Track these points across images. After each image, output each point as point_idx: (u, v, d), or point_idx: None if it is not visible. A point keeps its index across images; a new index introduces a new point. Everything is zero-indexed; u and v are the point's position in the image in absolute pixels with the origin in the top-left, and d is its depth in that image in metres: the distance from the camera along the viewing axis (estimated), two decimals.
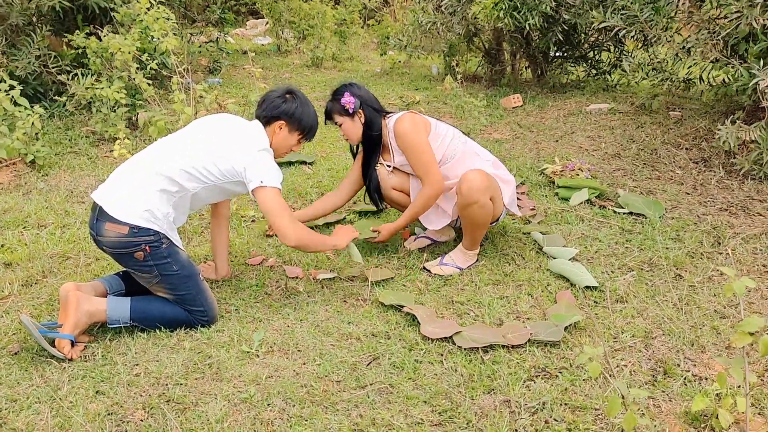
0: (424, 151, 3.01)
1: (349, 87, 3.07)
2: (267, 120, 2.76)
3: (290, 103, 2.76)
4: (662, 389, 2.16)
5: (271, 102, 2.76)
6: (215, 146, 2.62)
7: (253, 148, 2.63)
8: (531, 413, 2.07)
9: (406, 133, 3.01)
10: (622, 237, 3.29)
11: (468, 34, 6.62)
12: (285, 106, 2.75)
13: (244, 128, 2.73)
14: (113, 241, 2.49)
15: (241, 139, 2.67)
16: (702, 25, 4.01)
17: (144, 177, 2.54)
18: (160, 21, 4.85)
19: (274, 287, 2.97)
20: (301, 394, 2.19)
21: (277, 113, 2.74)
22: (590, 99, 5.83)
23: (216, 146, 2.62)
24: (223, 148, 2.61)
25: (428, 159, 3.00)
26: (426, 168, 3.01)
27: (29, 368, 2.38)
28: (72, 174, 4.44)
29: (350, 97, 3.01)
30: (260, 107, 2.78)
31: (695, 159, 4.21)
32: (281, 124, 2.75)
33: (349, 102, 3.01)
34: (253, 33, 11.97)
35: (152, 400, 2.18)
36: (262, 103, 2.77)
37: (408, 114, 3.07)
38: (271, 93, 2.81)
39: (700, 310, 2.61)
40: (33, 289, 2.96)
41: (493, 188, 2.94)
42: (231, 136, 2.68)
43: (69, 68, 5.40)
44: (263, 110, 2.76)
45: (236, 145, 2.63)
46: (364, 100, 3.06)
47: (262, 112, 2.76)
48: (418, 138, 3.01)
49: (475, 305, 2.74)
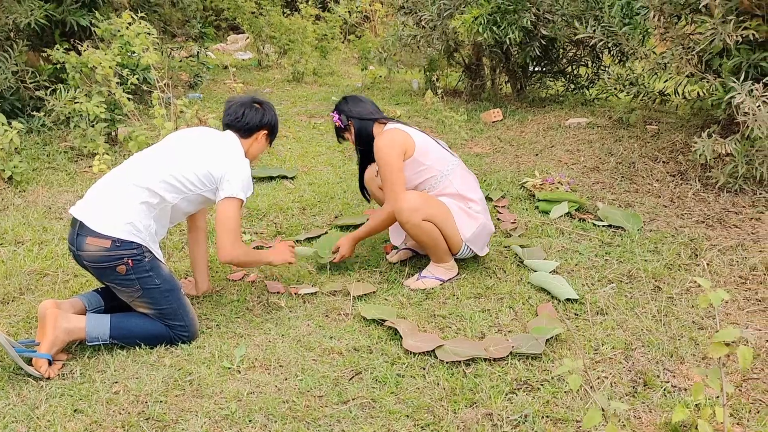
0: (391, 170, 2.97)
1: (340, 105, 3.17)
2: (249, 131, 2.83)
3: (269, 113, 2.89)
4: (642, 400, 2.18)
5: (253, 116, 2.82)
6: (194, 155, 2.66)
7: (232, 156, 2.70)
8: (513, 426, 2.07)
9: (380, 148, 3.00)
10: (602, 249, 3.32)
11: (448, 49, 6.68)
12: (266, 117, 2.86)
13: (222, 138, 2.79)
14: (95, 256, 2.47)
15: (220, 147, 2.72)
16: (677, 40, 4.08)
17: (124, 190, 2.54)
18: (141, 36, 4.84)
19: (256, 302, 2.96)
20: (283, 410, 2.18)
21: (261, 125, 2.85)
22: (569, 113, 5.90)
23: (194, 155, 2.66)
24: (202, 156, 2.66)
25: (394, 179, 2.96)
26: (390, 187, 2.98)
27: (5, 387, 2.34)
28: (50, 190, 4.40)
29: (336, 116, 3.14)
30: (240, 120, 2.81)
31: (672, 172, 4.27)
32: (264, 134, 2.87)
33: (336, 120, 3.15)
34: (234, 48, 11.97)
35: (131, 418, 2.15)
36: (242, 116, 2.81)
37: (394, 130, 3.03)
38: (242, 104, 2.84)
39: (678, 322, 2.64)
40: (10, 307, 2.92)
41: (430, 214, 2.90)
42: (209, 145, 2.72)
43: (47, 83, 5.36)
44: (246, 123, 2.81)
45: (215, 153, 2.68)
46: (350, 113, 3.12)
47: (245, 125, 2.81)
48: (389, 157, 2.96)
49: (456, 318, 2.75)
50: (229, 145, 2.75)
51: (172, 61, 7.21)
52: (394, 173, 2.97)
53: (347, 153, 5.26)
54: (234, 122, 2.82)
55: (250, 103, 2.85)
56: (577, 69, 6.58)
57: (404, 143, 3.00)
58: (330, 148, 5.43)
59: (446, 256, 3.05)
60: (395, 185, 2.97)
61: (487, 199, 4.08)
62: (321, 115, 6.59)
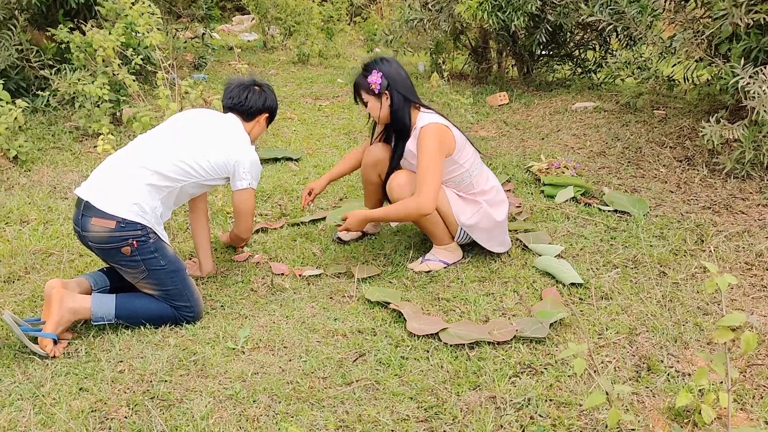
0: (436, 167, 2.79)
1: (380, 64, 2.86)
2: (251, 115, 2.89)
3: (270, 96, 2.94)
4: (646, 385, 2.18)
5: (255, 99, 2.88)
6: (205, 141, 2.69)
7: (242, 144, 2.76)
8: (516, 409, 2.08)
9: (429, 138, 2.79)
10: (607, 234, 3.31)
11: (454, 32, 6.62)
12: (268, 100, 2.92)
13: (228, 123, 2.82)
14: (100, 236, 2.46)
15: (229, 134, 2.77)
16: (686, 24, 4.03)
17: (131, 171, 2.56)
18: (144, 16, 4.80)
19: (260, 284, 2.96)
20: (287, 390, 2.19)
21: (264, 108, 2.91)
22: (576, 97, 5.86)
23: (206, 141, 2.70)
24: (214, 143, 2.70)
25: (433, 174, 2.78)
26: (428, 181, 2.78)
27: (11, 365, 2.35)
28: (55, 170, 4.40)
29: (378, 77, 2.82)
30: (243, 103, 2.86)
31: (679, 157, 4.25)
32: (265, 117, 2.95)
33: (375, 82, 2.83)
34: (239, 29, 11.90)
35: (136, 397, 2.17)
36: (246, 100, 2.86)
37: (441, 125, 2.85)
38: (243, 87, 2.88)
39: (683, 307, 2.63)
40: (15, 286, 2.93)
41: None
42: (219, 130, 2.76)
43: (51, 62, 5.34)
44: (250, 107, 2.86)
45: (226, 140, 2.73)
46: (394, 82, 2.85)
47: (249, 109, 2.86)
48: (437, 153, 2.80)
49: (461, 302, 2.75)
50: (237, 131, 2.80)
51: (177, 42, 7.17)
52: (437, 170, 2.79)
53: (352, 135, 5.24)
54: (237, 106, 2.86)
55: (252, 87, 2.89)
56: (584, 53, 6.52)
57: (450, 142, 2.87)
58: (335, 131, 5.41)
59: (446, 237, 3.03)
60: (435, 182, 2.79)
61: None
62: (326, 97, 6.56)
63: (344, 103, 6.22)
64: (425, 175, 2.79)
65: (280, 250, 3.27)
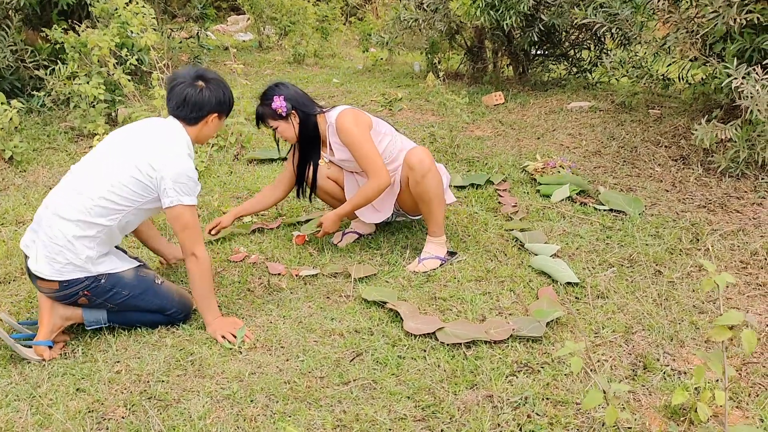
0: (367, 146, 2.99)
1: (278, 89, 3.00)
2: (195, 119, 2.54)
3: (215, 92, 2.54)
4: (642, 383, 2.19)
5: (197, 100, 2.50)
6: (122, 166, 2.39)
7: (167, 156, 2.41)
8: (513, 408, 2.08)
9: (349, 128, 2.99)
10: (603, 233, 3.32)
11: (450, 32, 6.63)
12: (213, 98, 2.53)
13: (161, 132, 2.50)
14: (50, 295, 2.42)
15: (156, 147, 2.43)
16: (680, 24, 4.05)
17: (56, 227, 2.35)
18: (138, 16, 4.80)
19: (257, 284, 2.96)
20: (285, 390, 2.19)
21: (207, 109, 2.54)
22: (571, 97, 5.88)
23: (123, 165, 2.39)
24: (133, 163, 2.39)
25: (372, 153, 3.00)
26: (371, 161, 2.99)
27: (8, 366, 2.35)
28: (50, 170, 4.38)
29: (281, 101, 2.95)
30: (182, 108, 2.50)
31: (674, 156, 4.26)
32: (213, 117, 2.57)
33: (280, 107, 2.95)
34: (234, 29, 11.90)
35: (133, 397, 2.16)
36: (184, 104, 2.49)
37: (349, 109, 3.06)
38: (183, 87, 2.50)
39: (679, 306, 2.64)
40: (11, 287, 2.93)
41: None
42: (142, 147, 2.44)
43: (46, 62, 5.33)
44: (191, 111, 2.51)
45: (149, 156, 2.40)
46: (295, 101, 3.01)
47: (189, 114, 2.51)
48: (362, 134, 3.00)
49: (457, 301, 2.76)
50: (168, 142, 2.45)
51: (172, 42, 7.16)
52: (370, 148, 2.99)
53: None
54: (177, 111, 2.51)
55: (193, 84, 2.50)
56: (579, 52, 6.54)
57: (364, 117, 3.07)
58: None
59: (443, 222, 3.10)
60: (377, 158, 3.00)
61: (488, 182, 4.08)
62: (322, 97, 6.56)
63: (340, 102, 6.21)
64: (365, 158, 2.99)
65: (276, 250, 3.27)
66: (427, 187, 2.96)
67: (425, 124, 5.35)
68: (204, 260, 2.49)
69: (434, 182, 2.97)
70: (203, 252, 2.50)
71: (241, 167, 4.51)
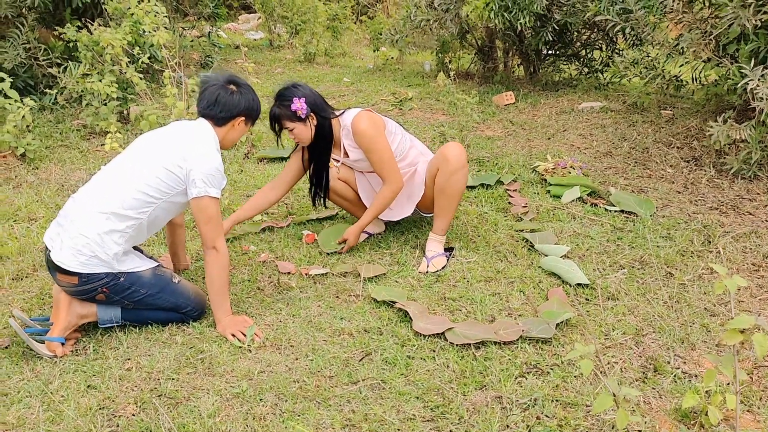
0: (385, 151, 3.03)
1: (296, 90, 2.97)
2: (224, 120, 2.63)
3: (246, 96, 2.65)
4: (652, 386, 2.18)
5: (227, 101, 2.60)
6: (154, 161, 2.48)
7: (197, 152, 2.49)
8: (522, 409, 2.08)
9: (367, 132, 3.00)
10: (614, 235, 3.31)
11: (461, 32, 6.62)
12: (243, 102, 2.64)
13: (191, 130, 2.59)
14: (69, 289, 2.44)
15: (186, 143, 2.52)
16: (694, 24, 4.02)
17: (87, 219, 2.39)
18: (150, 15, 4.82)
19: (267, 282, 2.97)
20: (294, 389, 2.19)
21: (237, 112, 2.63)
22: (582, 97, 5.85)
23: (155, 160, 2.48)
24: (164, 158, 2.48)
25: (389, 158, 3.04)
26: (387, 167, 3.04)
27: (20, 362, 2.37)
28: (63, 167, 4.41)
29: (302, 103, 2.93)
30: (213, 107, 2.60)
31: (686, 158, 4.24)
32: (240, 120, 2.67)
33: (300, 109, 2.93)
34: (245, 28, 11.92)
35: (144, 394, 2.17)
36: (215, 104, 2.59)
37: (365, 112, 3.07)
38: (216, 88, 2.61)
39: (690, 308, 2.63)
40: (24, 283, 2.95)
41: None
42: (173, 143, 2.53)
43: (59, 61, 5.36)
44: (221, 111, 2.60)
45: (179, 151, 2.49)
46: (313, 103, 2.99)
47: (219, 113, 2.60)
48: (379, 137, 3.02)
49: (467, 302, 2.75)
50: (197, 137, 2.55)
51: (183, 40, 7.18)
52: (387, 152, 3.05)
53: None
54: (207, 110, 2.61)
55: (225, 86, 2.62)
56: (591, 52, 6.52)
57: (378, 119, 3.08)
58: None
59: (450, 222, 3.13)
60: (393, 163, 3.06)
61: (498, 182, 4.07)
62: (333, 95, 6.56)
63: (351, 101, 6.23)
64: (381, 162, 3.04)
65: (286, 248, 3.28)
66: (456, 182, 2.97)
67: (435, 124, 5.34)
68: (224, 254, 2.54)
69: (463, 180, 3.00)
70: (224, 246, 2.55)
71: (252, 166, 4.52)
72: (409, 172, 3.19)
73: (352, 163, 3.20)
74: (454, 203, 3.04)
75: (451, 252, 3.16)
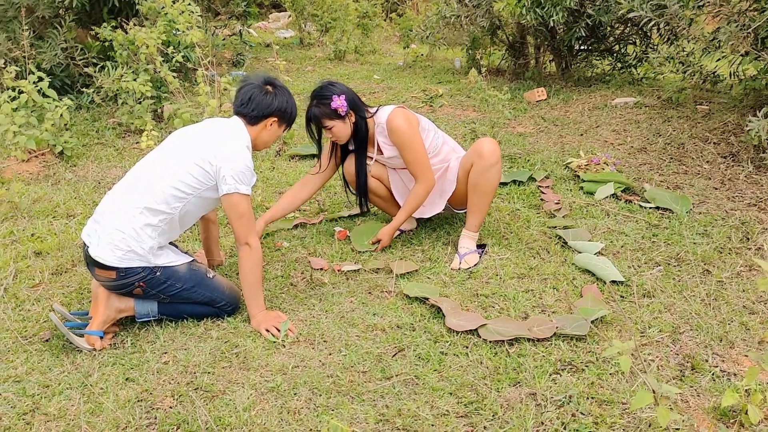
0: (419, 148, 3.04)
1: (333, 88, 2.96)
2: (256, 119, 2.65)
3: (280, 98, 2.67)
4: (690, 384, 2.14)
5: (261, 101, 2.63)
6: (186, 156, 2.51)
7: (228, 148, 2.52)
8: (557, 406, 2.06)
9: (402, 129, 3.01)
10: (649, 232, 3.26)
11: (492, 27, 6.58)
12: (276, 102, 2.65)
13: (223, 128, 2.62)
14: (107, 284, 2.49)
15: (217, 139, 2.55)
16: (732, 17, 3.94)
17: (122, 214, 2.44)
18: (184, 14, 4.88)
19: (300, 278, 2.99)
20: (328, 384, 2.21)
21: (269, 111, 2.65)
22: (616, 92, 5.78)
23: (187, 156, 2.51)
24: (195, 153, 2.51)
25: (423, 156, 3.05)
26: (420, 165, 3.05)
27: (60, 355, 2.42)
28: (99, 165, 4.49)
29: (342, 101, 2.93)
30: (246, 106, 2.63)
31: (723, 153, 4.16)
32: (273, 121, 2.68)
33: (341, 106, 2.92)
34: (276, 26, 12.00)
35: (181, 387, 2.21)
36: (249, 102, 2.62)
37: (399, 109, 3.07)
38: (251, 87, 2.65)
39: (728, 306, 2.58)
40: (63, 278, 3.01)
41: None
42: (205, 140, 2.56)
43: (95, 60, 5.46)
44: (253, 110, 2.63)
45: (209, 147, 2.51)
46: (352, 101, 2.99)
47: (251, 112, 2.63)
48: (414, 135, 3.03)
49: (500, 298, 2.74)
50: (228, 134, 2.58)
51: (215, 39, 7.26)
52: (421, 151, 3.07)
53: None
54: (240, 108, 2.64)
55: (261, 86, 2.65)
56: (624, 47, 6.43)
57: (412, 116, 3.09)
58: None
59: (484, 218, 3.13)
60: (426, 162, 3.07)
61: (530, 179, 4.04)
62: (363, 93, 6.58)
63: (381, 99, 6.23)
64: (414, 161, 3.05)
65: (318, 245, 3.30)
66: (490, 178, 2.97)
67: (466, 120, 5.32)
68: (257, 250, 2.56)
69: (497, 176, 2.99)
70: (257, 242, 2.57)
71: (284, 163, 4.55)
72: (442, 168, 3.19)
73: (386, 160, 3.20)
74: (487, 199, 3.03)
75: (483, 249, 3.15)
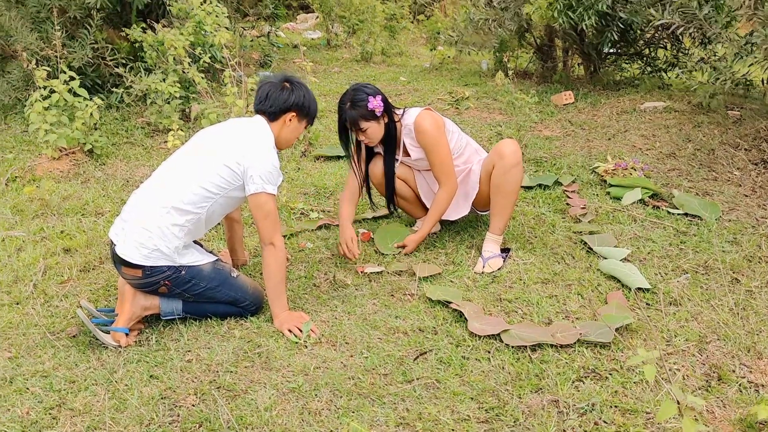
0: (445, 151, 3.04)
1: (368, 89, 2.94)
2: (275, 114, 2.67)
3: (297, 92, 2.69)
4: (716, 395, 2.11)
5: (277, 96, 2.65)
6: (213, 156, 2.54)
7: (254, 147, 2.56)
8: (579, 414, 2.04)
9: (429, 132, 3.01)
10: (677, 239, 3.21)
11: (519, 30, 6.54)
12: (293, 97, 2.67)
13: (247, 127, 2.65)
14: (133, 282, 2.52)
15: (243, 139, 2.59)
16: (766, 21, 3.87)
17: (149, 213, 2.47)
18: (212, 15, 4.93)
19: (322, 280, 3.00)
20: (349, 386, 2.21)
21: (286, 106, 2.67)
22: (645, 97, 5.70)
23: (214, 156, 2.54)
24: (222, 153, 2.53)
25: (448, 159, 3.06)
26: (445, 169, 3.06)
27: (86, 351, 2.45)
28: (128, 164, 4.56)
29: (379, 101, 2.91)
30: (264, 102, 2.66)
31: (754, 160, 4.08)
32: (292, 116, 2.70)
33: (378, 106, 2.91)
34: (303, 27, 12.06)
35: (204, 386, 2.23)
36: (266, 99, 2.66)
37: (426, 111, 3.06)
38: (269, 85, 2.68)
39: (757, 316, 2.53)
40: (91, 275, 3.06)
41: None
42: (231, 139, 2.60)
43: (125, 61, 5.53)
44: (271, 106, 2.65)
45: (236, 147, 2.55)
46: (385, 101, 2.97)
47: (269, 108, 2.66)
48: (441, 138, 3.03)
49: (523, 303, 2.72)
50: (254, 134, 2.61)
51: (243, 40, 7.32)
52: (447, 155, 3.08)
53: None
54: (260, 105, 2.68)
55: (279, 84, 2.68)
56: (654, 51, 6.34)
57: (438, 118, 3.08)
58: None
59: (508, 222, 3.12)
60: (451, 167, 3.08)
61: (556, 183, 4.01)
62: (389, 95, 6.56)
63: (407, 100, 6.23)
64: (440, 164, 3.05)
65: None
66: (512, 179, 2.96)
67: (492, 123, 5.29)
68: (281, 250, 2.58)
69: (519, 177, 2.98)
70: (281, 242, 2.59)
71: (309, 164, 4.57)
72: (465, 170, 3.18)
73: (412, 162, 3.20)
74: (510, 201, 3.01)
75: (507, 253, 3.13)
